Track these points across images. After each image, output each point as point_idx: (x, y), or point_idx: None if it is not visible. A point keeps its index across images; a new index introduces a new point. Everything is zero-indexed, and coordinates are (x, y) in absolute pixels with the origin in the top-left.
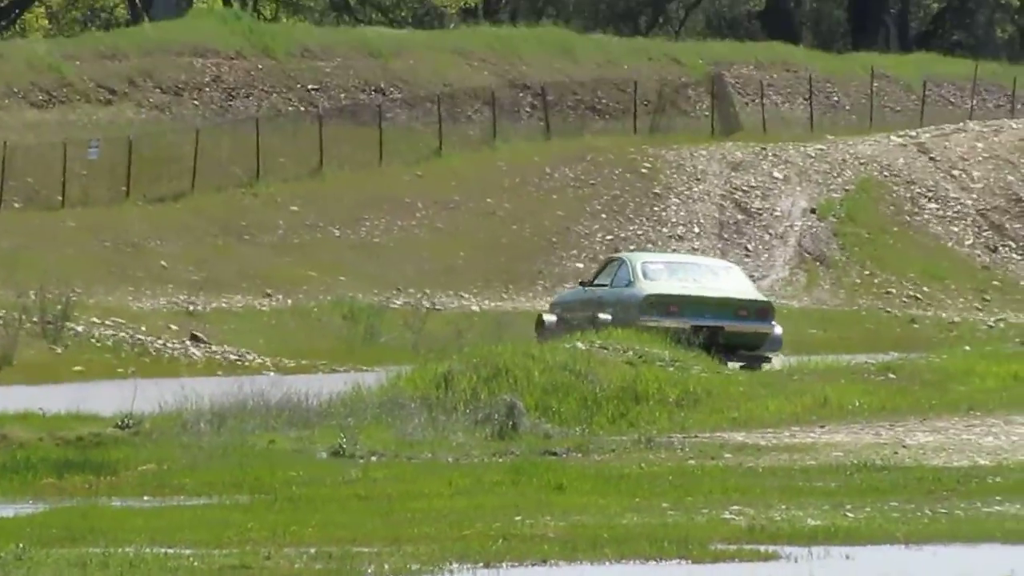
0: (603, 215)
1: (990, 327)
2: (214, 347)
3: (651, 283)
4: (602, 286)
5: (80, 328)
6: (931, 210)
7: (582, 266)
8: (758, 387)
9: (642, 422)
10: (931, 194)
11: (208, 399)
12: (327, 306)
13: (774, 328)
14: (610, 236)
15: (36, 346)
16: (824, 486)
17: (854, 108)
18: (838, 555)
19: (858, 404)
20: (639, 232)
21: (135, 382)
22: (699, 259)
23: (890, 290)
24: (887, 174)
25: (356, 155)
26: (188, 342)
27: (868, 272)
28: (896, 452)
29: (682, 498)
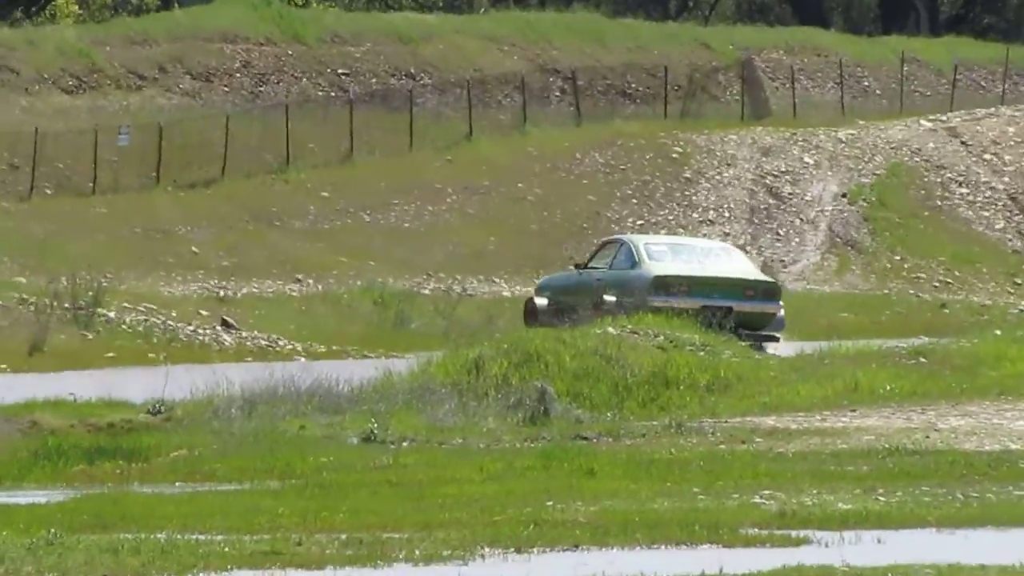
0: (633, 200)
1: (1021, 311)
2: (244, 333)
3: (658, 264)
4: (599, 268)
5: (111, 314)
6: (962, 195)
7: None
8: (789, 372)
9: (673, 407)
10: (962, 179)
11: (239, 385)
12: (357, 292)
13: (780, 309)
14: (640, 221)
15: (67, 332)
16: (855, 471)
17: (884, 93)
18: (869, 540)
19: (889, 388)
20: (669, 217)
21: (166, 368)
22: (697, 240)
23: (921, 275)
24: (918, 159)
25: (386, 141)
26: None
27: (899, 257)
28: (927, 436)
29: (713, 483)
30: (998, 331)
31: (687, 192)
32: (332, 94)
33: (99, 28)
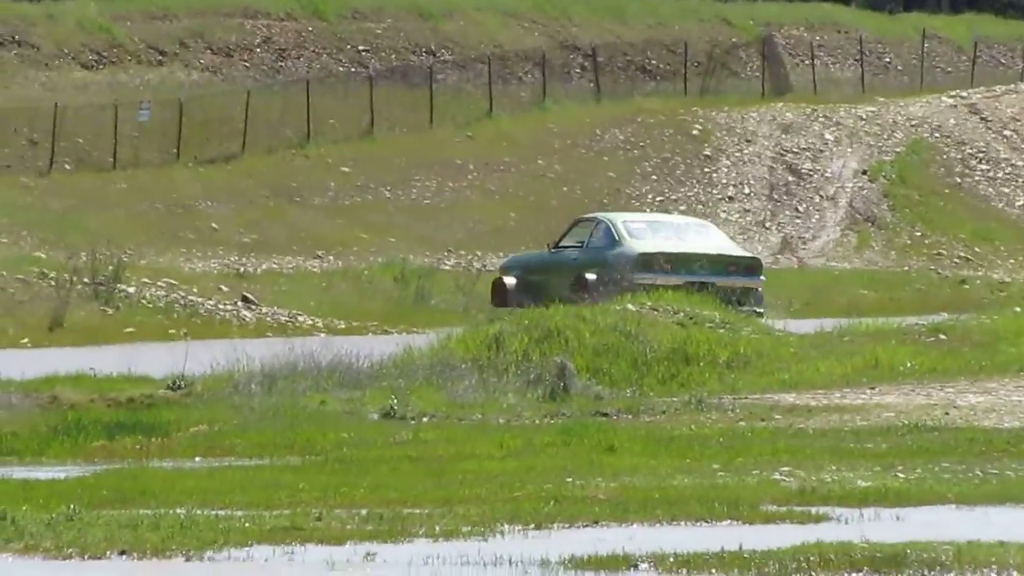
0: (653, 177)
1: None
2: (265, 309)
3: (639, 242)
4: (573, 247)
5: (131, 290)
6: (982, 171)
7: None
8: (808, 348)
9: (692, 383)
10: (982, 155)
11: (259, 360)
12: (377, 268)
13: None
14: (660, 198)
15: (87, 308)
16: (875, 447)
17: (905, 69)
18: (888, 517)
19: (909, 365)
20: (689, 194)
21: (186, 344)
22: (673, 217)
23: (940, 251)
24: (938, 135)
25: (407, 117)
26: (239, 303)
27: (919, 233)
28: (947, 413)
29: (732, 459)
30: (1018, 308)
31: (707, 169)
32: (352, 70)
33: (119, 3)
